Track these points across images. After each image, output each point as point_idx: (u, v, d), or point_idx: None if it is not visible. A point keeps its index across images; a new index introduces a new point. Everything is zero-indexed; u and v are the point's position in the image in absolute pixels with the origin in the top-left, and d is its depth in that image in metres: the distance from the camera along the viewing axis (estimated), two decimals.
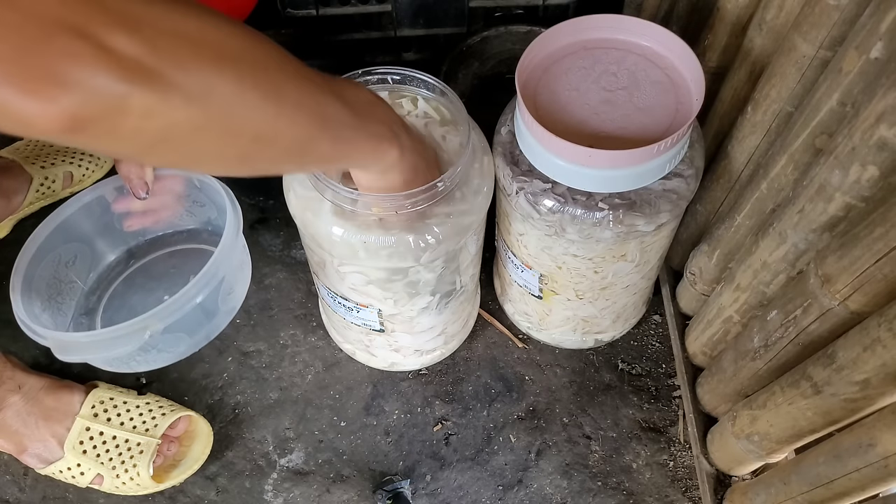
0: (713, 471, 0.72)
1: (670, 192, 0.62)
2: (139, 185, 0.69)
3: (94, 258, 0.81)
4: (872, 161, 0.44)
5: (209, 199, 0.77)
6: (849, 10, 0.49)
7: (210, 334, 0.75)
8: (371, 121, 0.48)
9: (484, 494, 0.76)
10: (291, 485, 0.77)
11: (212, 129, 0.35)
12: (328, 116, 0.43)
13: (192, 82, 0.33)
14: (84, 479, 0.73)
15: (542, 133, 0.57)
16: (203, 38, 0.34)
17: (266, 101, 0.37)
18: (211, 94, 0.34)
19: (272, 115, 0.38)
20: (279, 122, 0.39)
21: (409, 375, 0.83)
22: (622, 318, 0.82)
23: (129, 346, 0.64)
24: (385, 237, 0.60)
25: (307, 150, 0.43)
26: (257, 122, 0.37)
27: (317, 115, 0.41)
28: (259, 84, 0.37)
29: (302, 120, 0.40)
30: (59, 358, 0.66)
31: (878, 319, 0.44)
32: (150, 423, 0.74)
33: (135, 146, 0.34)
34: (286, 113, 0.39)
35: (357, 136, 0.46)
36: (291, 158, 0.43)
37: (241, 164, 0.40)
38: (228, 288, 0.73)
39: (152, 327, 0.64)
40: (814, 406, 0.53)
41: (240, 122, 0.37)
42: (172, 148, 0.35)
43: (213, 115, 0.35)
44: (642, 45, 0.64)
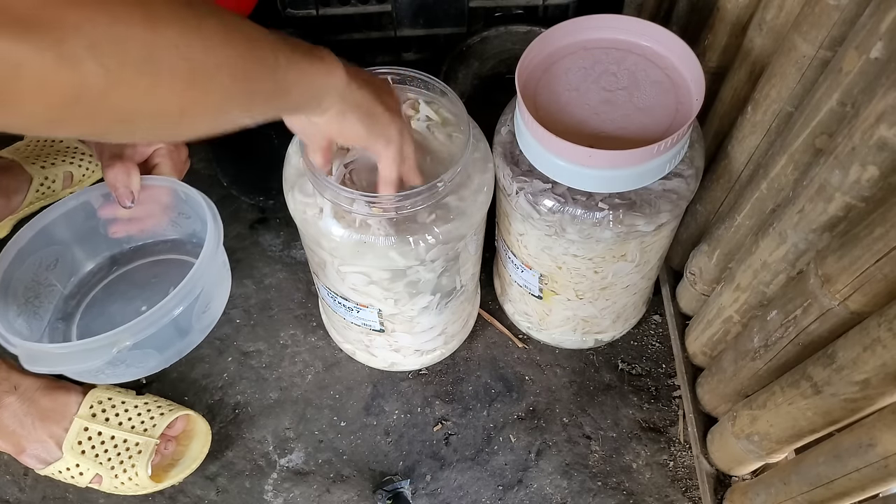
0: (713, 471, 0.72)
1: (670, 192, 0.62)
2: (125, 193, 0.68)
3: (76, 263, 0.80)
4: (872, 161, 0.44)
5: (194, 212, 0.76)
6: (849, 10, 0.49)
7: (182, 351, 0.74)
8: (300, 43, 0.44)
9: (484, 494, 0.76)
10: (291, 485, 0.77)
11: (128, 83, 0.33)
12: (254, 42, 0.40)
13: (94, 33, 0.30)
14: (83, 479, 0.73)
15: (542, 133, 0.57)
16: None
17: (188, 36, 0.34)
18: (120, 42, 0.32)
19: (199, 48, 0.35)
20: (208, 55, 0.36)
21: (409, 375, 0.83)
22: (622, 318, 0.82)
23: (97, 360, 0.63)
24: (385, 237, 0.60)
25: (248, 91, 0.40)
26: (182, 61, 0.34)
27: (246, 41, 0.39)
28: (175, 19, 0.34)
29: (232, 49, 0.37)
30: (28, 368, 0.65)
31: (878, 319, 0.44)
32: (149, 423, 0.74)
33: (38, 117, 0.32)
34: (214, 44, 0.36)
35: (293, 56, 0.43)
36: (233, 99, 0.39)
37: (181, 119, 0.37)
38: (204, 305, 0.72)
39: (120, 343, 0.62)
40: (814, 406, 0.53)
41: (162, 65, 0.34)
42: (89, 112, 0.33)
43: (126, 65, 0.32)
44: (642, 45, 0.64)
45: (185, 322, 0.68)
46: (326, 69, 0.46)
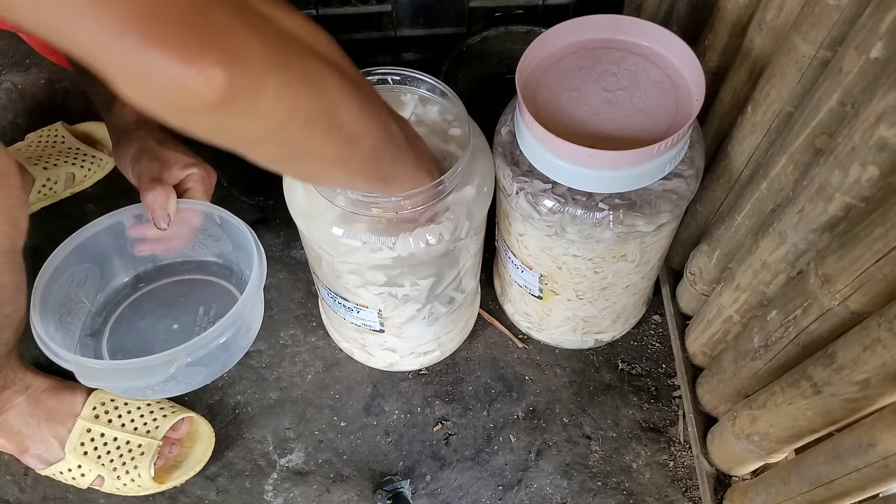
0: (713, 471, 0.72)
1: (670, 193, 0.62)
2: (161, 215, 0.69)
3: (104, 280, 0.82)
4: (872, 161, 0.44)
5: (226, 235, 0.78)
6: (849, 10, 0.49)
7: (224, 367, 0.76)
8: (415, 150, 0.53)
9: (484, 494, 0.76)
10: (291, 485, 0.77)
11: (320, 122, 0.38)
12: (393, 134, 0.47)
13: (309, 75, 0.36)
14: (85, 480, 0.73)
15: (542, 133, 0.58)
16: (314, 40, 0.38)
17: (359, 104, 0.41)
18: (322, 89, 0.37)
19: (363, 119, 0.42)
20: (367, 126, 0.43)
21: (408, 375, 0.83)
22: (622, 318, 0.82)
23: (155, 377, 0.66)
24: (385, 238, 0.60)
25: (377, 161, 0.47)
26: (353, 122, 0.41)
27: (387, 130, 0.46)
28: (354, 88, 0.40)
29: (379, 131, 0.45)
30: (82, 382, 0.67)
31: (878, 319, 0.44)
32: (152, 425, 0.74)
33: (256, 132, 0.36)
34: (371, 120, 0.43)
35: (407, 159, 0.52)
36: (364, 168, 0.47)
37: (332, 167, 0.44)
38: (247, 327, 0.75)
39: (179, 361, 0.65)
40: (814, 406, 0.53)
41: (341, 119, 0.40)
42: (284, 140, 0.38)
43: (323, 106, 0.38)
44: (642, 46, 0.64)
45: (231, 342, 0.71)
46: (420, 179, 0.56)
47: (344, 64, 0.42)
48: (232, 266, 0.83)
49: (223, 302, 0.80)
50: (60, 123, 0.97)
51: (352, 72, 0.42)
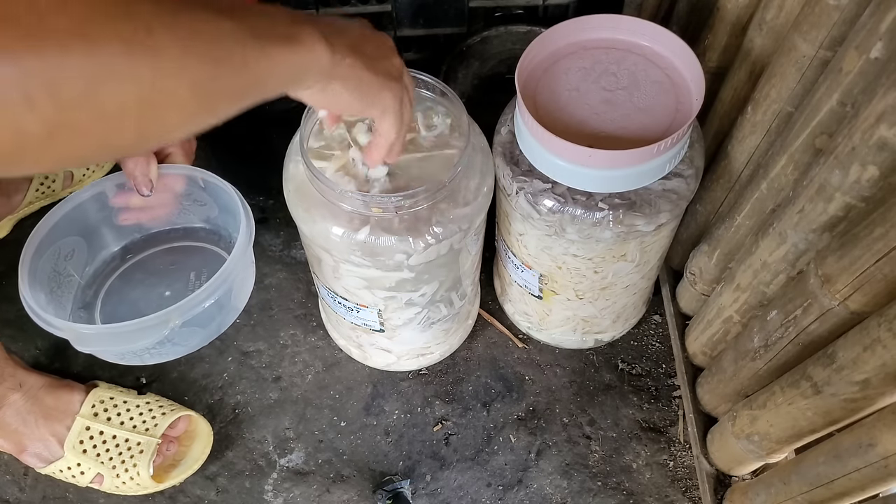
0: (713, 471, 0.72)
1: (670, 192, 0.62)
2: (143, 182, 0.68)
3: (91, 252, 0.82)
4: (872, 161, 0.44)
5: (211, 199, 0.77)
6: (849, 10, 0.49)
7: (221, 327, 0.76)
8: (268, 21, 0.39)
9: (484, 494, 0.76)
10: (291, 485, 0.77)
11: (70, 126, 0.29)
12: (216, 44, 0.34)
13: (19, 73, 0.27)
14: (84, 478, 0.73)
15: (542, 133, 0.57)
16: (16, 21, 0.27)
17: (133, 57, 0.30)
18: (53, 79, 0.28)
19: (147, 69, 0.31)
20: (160, 75, 0.31)
21: (408, 375, 0.83)
22: (622, 318, 0.82)
23: (150, 338, 0.65)
24: (385, 237, 0.60)
25: (211, 97, 0.35)
26: (128, 88, 0.30)
27: (206, 44, 0.34)
28: (114, 37, 0.29)
29: (191, 60, 0.33)
30: (77, 348, 0.67)
31: (878, 319, 0.44)
32: (150, 423, 0.74)
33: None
34: (167, 59, 0.31)
35: (261, 47, 0.37)
36: (197, 112, 0.35)
37: (140, 140, 0.34)
38: (239, 285, 0.75)
39: (174, 321, 0.64)
40: (814, 406, 0.53)
41: (106, 99, 0.30)
42: (35, 159, 0.30)
43: (65, 108, 0.29)
44: (642, 45, 0.64)
45: (223, 300, 0.70)
46: (306, 50, 0.41)
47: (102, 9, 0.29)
48: (220, 230, 0.82)
49: (214, 266, 0.78)
50: None
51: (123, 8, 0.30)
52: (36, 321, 0.66)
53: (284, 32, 0.39)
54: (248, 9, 0.37)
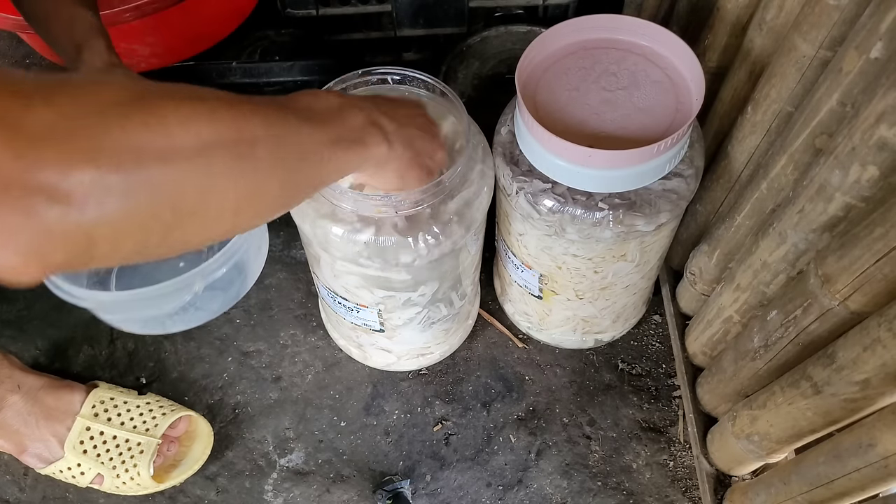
0: (713, 471, 0.72)
1: (670, 192, 0.62)
2: None
3: None
4: (872, 161, 0.44)
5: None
6: (849, 10, 0.49)
7: (240, 293, 0.76)
8: (342, 128, 0.45)
9: (484, 494, 0.76)
10: (291, 485, 0.77)
11: (187, 228, 0.34)
12: (301, 149, 0.40)
13: (144, 191, 0.31)
14: (84, 478, 0.73)
15: (542, 133, 0.57)
16: (149, 145, 0.31)
17: (238, 170, 0.35)
18: (179, 196, 0.32)
19: (251, 183, 0.36)
20: (261, 183, 0.37)
21: (408, 375, 0.83)
22: (622, 318, 0.82)
23: (174, 303, 0.66)
24: (385, 237, 0.60)
25: (294, 191, 0.41)
26: (235, 196, 0.35)
27: (289, 155, 0.39)
28: (227, 162, 0.34)
29: (282, 168, 0.38)
30: (101, 317, 0.67)
31: (878, 319, 0.44)
32: (151, 423, 0.74)
33: (113, 260, 0.32)
34: (264, 168, 0.37)
35: (335, 149, 0.44)
36: (280, 206, 0.41)
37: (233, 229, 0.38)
38: (255, 251, 0.75)
39: (198, 284, 0.65)
40: (814, 406, 0.53)
41: (210, 206, 0.34)
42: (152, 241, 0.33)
43: (181, 218, 0.33)
44: (642, 45, 0.64)
45: (243, 262, 0.71)
46: (370, 150, 0.47)
47: (203, 132, 0.33)
48: None
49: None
50: None
51: (220, 127, 0.34)
52: (58, 294, 0.66)
53: (355, 137, 0.46)
54: (328, 114, 0.44)
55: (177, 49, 0.97)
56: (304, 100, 0.44)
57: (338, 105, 0.45)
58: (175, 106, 0.32)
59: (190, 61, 0.99)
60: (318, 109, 0.43)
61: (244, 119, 0.35)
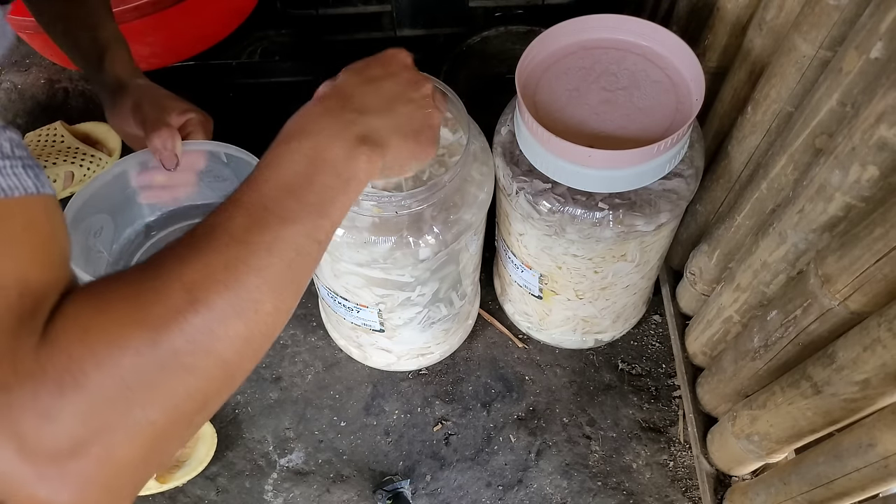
0: (713, 471, 0.72)
1: (670, 192, 0.62)
2: (169, 156, 0.68)
3: (117, 230, 0.83)
4: (872, 161, 0.44)
5: (233, 174, 0.77)
6: (849, 10, 0.49)
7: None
8: (326, 184, 0.40)
9: (484, 494, 0.76)
10: (291, 485, 0.77)
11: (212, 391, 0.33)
12: (296, 251, 0.37)
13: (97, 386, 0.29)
14: None
15: (542, 133, 0.57)
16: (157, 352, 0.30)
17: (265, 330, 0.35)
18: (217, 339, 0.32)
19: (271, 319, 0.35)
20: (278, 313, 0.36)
21: (408, 375, 0.83)
22: (622, 318, 0.82)
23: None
24: (385, 237, 0.60)
25: (304, 278, 0.38)
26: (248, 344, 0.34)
27: (287, 270, 0.36)
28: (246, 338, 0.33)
29: (286, 289, 0.36)
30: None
31: (878, 319, 0.44)
32: None
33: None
34: (277, 308, 0.36)
35: (328, 214, 0.40)
36: (301, 286, 0.39)
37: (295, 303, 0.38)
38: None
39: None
40: (814, 406, 0.53)
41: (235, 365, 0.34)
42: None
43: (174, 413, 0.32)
44: (642, 45, 0.64)
45: None
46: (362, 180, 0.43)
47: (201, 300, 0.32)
48: None
49: None
50: (60, 123, 0.97)
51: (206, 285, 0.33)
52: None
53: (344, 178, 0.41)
54: (307, 175, 0.40)
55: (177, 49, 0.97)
56: (280, 178, 0.39)
57: (314, 155, 0.41)
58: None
59: (190, 61, 0.99)
60: (296, 184, 0.39)
61: (245, 288, 0.34)
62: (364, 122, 0.44)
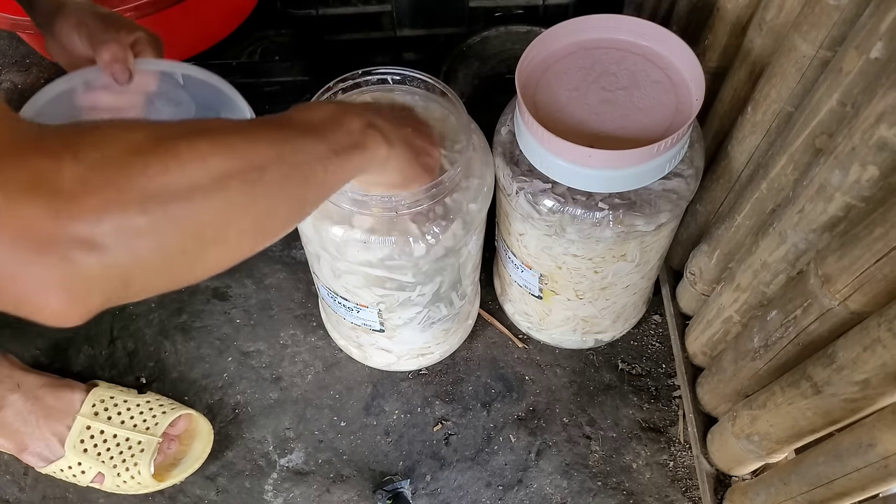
0: (713, 471, 0.72)
1: (670, 192, 0.62)
2: (121, 69, 0.64)
3: None
4: (872, 161, 0.44)
5: (189, 97, 0.69)
6: (849, 10, 0.49)
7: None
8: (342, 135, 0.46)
9: (484, 494, 0.76)
10: (291, 485, 0.77)
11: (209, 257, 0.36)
12: (306, 164, 0.42)
13: (169, 229, 0.33)
14: (85, 477, 0.73)
15: (542, 133, 0.58)
16: (170, 185, 0.33)
17: (255, 197, 0.37)
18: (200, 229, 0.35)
19: (262, 206, 0.38)
20: (271, 204, 0.39)
21: (408, 375, 0.83)
22: (622, 318, 0.82)
23: None
24: (385, 237, 0.60)
25: (303, 205, 0.43)
26: (250, 219, 0.38)
27: (295, 172, 0.41)
28: (240, 190, 0.36)
29: (286, 190, 0.40)
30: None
31: (878, 319, 0.44)
32: (151, 422, 0.74)
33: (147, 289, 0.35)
34: (272, 196, 0.39)
35: (338, 158, 0.45)
36: (292, 222, 0.43)
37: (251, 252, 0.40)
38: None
39: None
40: (814, 406, 0.53)
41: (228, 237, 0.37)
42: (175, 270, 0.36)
43: (205, 247, 0.35)
44: (642, 45, 0.64)
45: None
46: (371, 153, 0.48)
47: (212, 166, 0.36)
48: None
49: None
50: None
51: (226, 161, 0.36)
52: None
53: (355, 141, 0.46)
54: (326, 124, 0.45)
55: (177, 49, 0.97)
56: (301, 114, 0.45)
57: (334, 113, 0.46)
58: (189, 145, 0.34)
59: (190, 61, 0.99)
60: (315, 121, 0.44)
61: (252, 145, 0.37)
62: (376, 119, 0.49)
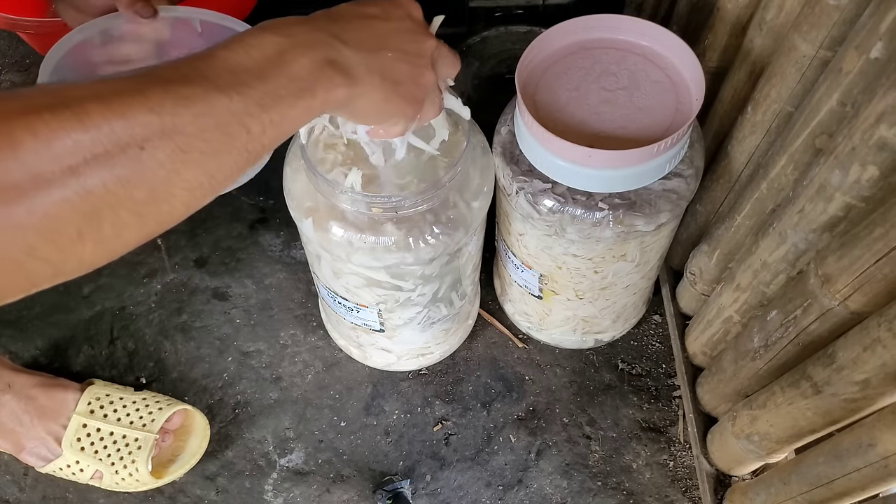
0: (713, 471, 0.72)
1: (670, 192, 0.62)
2: (144, 6, 0.63)
3: None
4: (872, 161, 0.44)
5: (206, 45, 0.72)
6: (849, 10, 0.49)
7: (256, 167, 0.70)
8: (277, 83, 0.37)
9: (484, 494, 0.76)
10: (291, 485, 0.77)
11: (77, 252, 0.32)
12: (217, 127, 0.34)
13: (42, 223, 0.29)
14: (84, 475, 0.73)
15: (542, 133, 0.58)
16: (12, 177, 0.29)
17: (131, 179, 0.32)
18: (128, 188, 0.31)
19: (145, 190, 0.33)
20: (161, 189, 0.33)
21: (408, 375, 0.83)
22: (622, 318, 0.82)
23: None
24: (385, 237, 0.60)
25: (227, 169, 0.36)
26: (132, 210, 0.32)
27: (198, 140, 0.34)
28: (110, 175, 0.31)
29: (191, 162, 0.34)
30: None
31: (878, 319, 0.44)
32: (147, 419, 0.74)
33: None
34: (166, 174, 0.33)
35: (266, 115, 0.37)
36: (203, 196, 0.36)
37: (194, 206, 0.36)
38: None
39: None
40: (814, 406, 0.53)
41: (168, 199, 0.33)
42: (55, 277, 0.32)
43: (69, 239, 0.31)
44: (642, 45, 0.64)
45: None
46: (322, 98, 0.40)
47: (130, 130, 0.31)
48: None
49: None
50: None
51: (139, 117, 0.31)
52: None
53: (300, 87, 0.38)
54: (260, 69, 0.37)
55: None
56: (229, 57, 0.37)
57: (274, 53, 0.38)
58: (39, 123, 0.29)
59: None
60: (244, 66, 0.36)
61: (121, 118, 0.31)
62: (341, 49, 0.41)
